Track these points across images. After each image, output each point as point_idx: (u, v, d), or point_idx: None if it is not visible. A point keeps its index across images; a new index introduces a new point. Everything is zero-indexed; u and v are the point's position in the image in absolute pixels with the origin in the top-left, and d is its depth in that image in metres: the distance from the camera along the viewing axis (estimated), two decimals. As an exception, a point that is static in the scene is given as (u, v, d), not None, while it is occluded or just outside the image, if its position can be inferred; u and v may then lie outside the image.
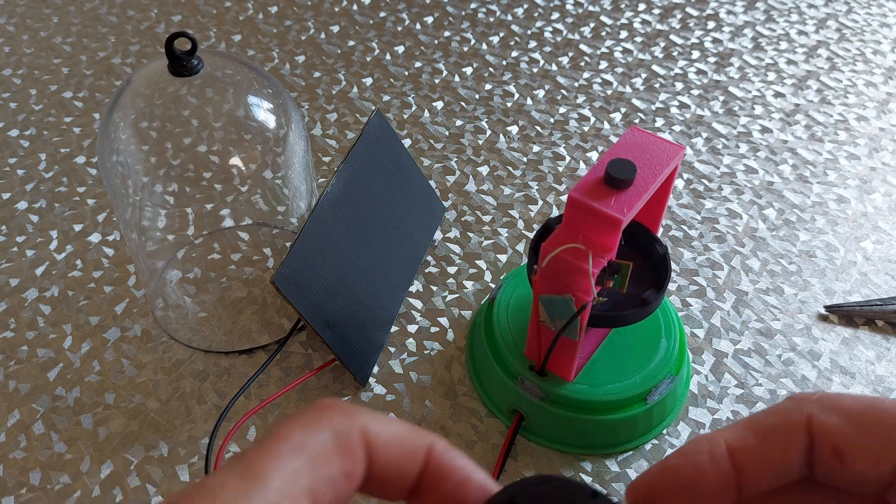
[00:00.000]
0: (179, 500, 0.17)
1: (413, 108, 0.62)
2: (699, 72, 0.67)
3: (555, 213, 0.54)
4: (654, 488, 0.21)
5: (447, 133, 0.60)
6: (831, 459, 0.20)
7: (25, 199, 0.55)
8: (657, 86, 0.65)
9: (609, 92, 0.64)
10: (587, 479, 0.41)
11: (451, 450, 0.21)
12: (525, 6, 0.73)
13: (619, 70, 0.66)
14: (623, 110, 0.63)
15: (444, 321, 0.48)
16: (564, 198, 0.55)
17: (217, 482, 0.17)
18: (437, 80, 0.65)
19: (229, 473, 0.18)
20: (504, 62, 0.67)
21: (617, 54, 0.68)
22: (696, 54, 0.68)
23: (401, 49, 0.68)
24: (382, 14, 0.72)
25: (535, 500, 0.20)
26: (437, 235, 0.53)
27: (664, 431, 0.43)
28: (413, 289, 0.49)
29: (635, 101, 0.63)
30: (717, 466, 0.21)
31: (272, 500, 0.17)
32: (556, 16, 0.72)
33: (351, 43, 0.69)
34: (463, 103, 0.63)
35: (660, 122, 0.62)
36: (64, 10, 0.72)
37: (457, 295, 0.49)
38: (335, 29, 0.70)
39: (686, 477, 0.21)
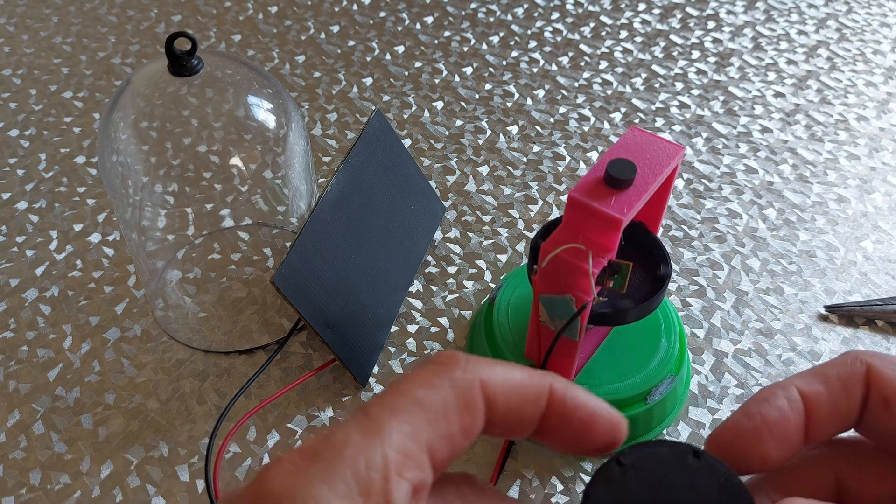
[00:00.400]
0: (304, 455, 0.18)
1: (413, 108, 0.62)
2: (699, 72, 0.67)
3: (555, 213, 0.54)
4: (737, 433, 0.22)
5: (447, 133, 0.60)
6: (880, 408, 0.21)
7: (25, 199, 0.55)
8: (657, 86, 0.65)
9: (609, 92, 0.64)
10: (586, 479, 0.41)
11: (571, 388, 0.21)
12: (525, 6, 0.73)
13: (619, 70, 0.67)
14: (623, 110, 0.63)
15: (444, 321, 0.48)
16: (564, 198, 0.55)
17: (340, 438, 0.18)
18: (437, 80, 0.65)
19: (352, 428, 0.18)
20: (504, 62, 0.67)
21: (617, 54, 0.68)
22: (696, 54, 0.68)
23: (401, 49, 0.68)
24: (382, 14, 0.72)
25: (640, 458, 0.21)
26: (437, 235, 0.53)
27: (664, 431, 0.43)
28: (413, 289, 0.49)
29: (635, 101, 0.63)
30: (795, 411, 0.21)
31: (390, 455, 0.18)
32: (556, 16, 0.72)
33: (351, 43, 0.69)
34: (463, 103, 0.63)
35: (660, 122, 0.62)
36: (64, 10, 0.73)
37: (457, 295, 0.49)
38: (335, 29, 0.70)
39: (771, 420, 0.21)
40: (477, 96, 0.64)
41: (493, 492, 0.23)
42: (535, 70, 0.66)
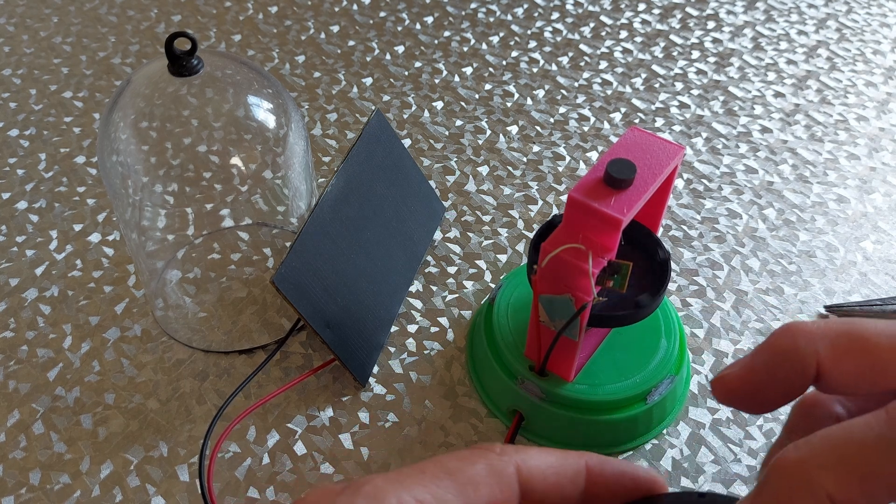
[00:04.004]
0: (333, 495, 0.19)
1: (413, 108, 0.62)
2: (699, 72, 0.67)
3: (555, 212, 0.54)
4: (746, 389, 0.22)
5: (447, 133, 0.60)
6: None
7: (25, 199, 0.55)
8: (657, 86, 0.65)
9: (609, 92, 0.64)
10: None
11: (606, 461, 0.22)
12: (525, 6, 0.73)
13: (619, 70, 0.66)
14: (623, 110, 0.63)
15: (444, 321, 0.48)
16: (564, 198, 0.55)
17: (364, 480, 0.20)
18: (437, 80, 0.65)
19: (378, 476, 0.20)
20: (504, 62, 0.67)
21: (617, 54, 0.68)
22: (696, 54, 0.68)
23: (401, 49, 0.68)
24: (382, 14, 0.72)
25: None
26: (437, 235, 0.53)
27: (664, 431, 0.43)
28: (413, 289, 0.49)
29: (635, 101, 0.63)
30: (804, 376, 0.21)
31: (406, 500, 0.19)
32: (556, 16, 0.72)
33: (351, 43, 0.69)
34: (463, 103, 0.63)
35: (660, 122, 0.62)
36: (64, 10, 0.72)
37: (457, 295, 0.49)
38: (335, 29, 0.70)
39: (775, 384, 0.22)
40: (477, 96, 0.64)
41: None
42: (535, 70, 0.66)
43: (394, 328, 0.47)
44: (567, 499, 0.22)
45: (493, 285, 0.50)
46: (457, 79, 0.65)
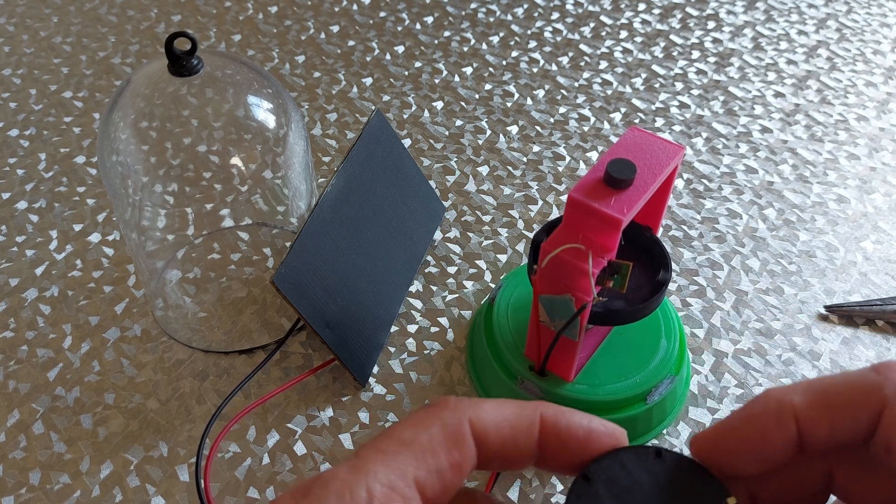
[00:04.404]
0: (297, 493, 0.19)
1: (413, 108, 0.62)
2: (699, 72, 0.67)
3: (555, 213, 0.55)
4: (718, 445, 0.22)
5: (447, 133, 0.60)
6: (882, 451, 0.20)
7: (25, 199, 0.55)
8: (657, 86, 0.65)
9: (609, 92, 0.64)
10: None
11: (562, 411, 0.22)
12: (525, 6, 0.73)
13: (619, 70, 0.66)
14: (623, 110, 0.63)
15: (444, 321, 0.48)
16: (564, 198, 0.55)
17: (329, 475, 0.19)
18: (437, 80, 0.65)
19: (341, 467, 0.20)
20: (504, 62, 0.67)
21: (617, 54, 0.68)
22: (696, 54, 0.68)
23: (401, 49, 0.68)
24: (382, 14, 0.72)
25: (605, 468, 0.21)
26: (437, 235, 0.53)
27: (664, 431, 0.43)
28: (413, 289, 0.49)
29: (635, 101, 0.63)
30: (783, 431, 0.21)
31: (375, 489, 0.19)
32: (556, 16, 0.72)
33: (351, 43, 0.69)
34: (463, 103, 0.63)
35: (660, 122, 0.62)
36: (64, 10, 0.72)
37: (457, 295, 0.49)
38: (335, 29, 0.70)
39: (750, 440, 0.21)
40: (477, 96, 0.64)
41: (491, 500, 0.23)
42: (535, 70, 0.66)
43: (394, 328, 0.47)
44: (522, 450, 0.21)
45: (493, 285, 0.50)
46: (457, 79, 0.65)
